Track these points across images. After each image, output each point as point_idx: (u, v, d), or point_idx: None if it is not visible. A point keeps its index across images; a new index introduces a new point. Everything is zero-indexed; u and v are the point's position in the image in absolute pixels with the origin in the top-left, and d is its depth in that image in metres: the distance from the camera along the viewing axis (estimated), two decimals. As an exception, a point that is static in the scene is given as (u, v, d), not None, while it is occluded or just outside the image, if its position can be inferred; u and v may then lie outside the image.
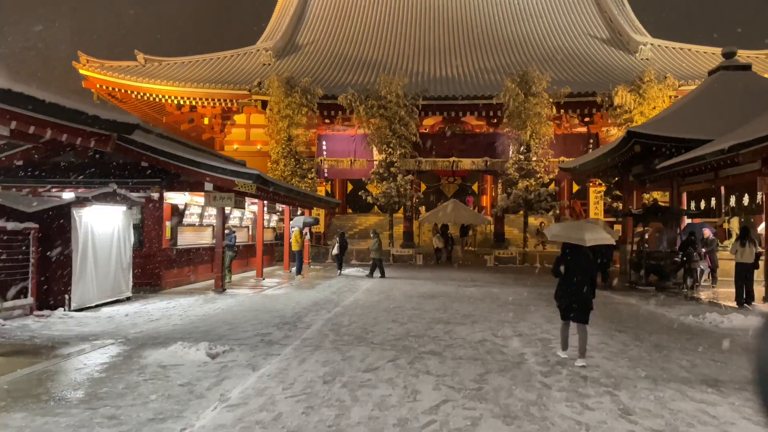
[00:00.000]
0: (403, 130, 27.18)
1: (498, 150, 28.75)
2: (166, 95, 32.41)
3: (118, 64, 33.78)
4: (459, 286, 15.47)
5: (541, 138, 26.88)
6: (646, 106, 26.53)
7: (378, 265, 18.32)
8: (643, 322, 9.81)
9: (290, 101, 27.52)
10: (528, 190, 26.67)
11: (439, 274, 19.62)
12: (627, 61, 34.42)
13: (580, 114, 29.67)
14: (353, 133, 30.12)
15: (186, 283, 14.56)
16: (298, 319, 9.55)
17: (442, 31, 39.81)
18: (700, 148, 14.27)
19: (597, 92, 27.64)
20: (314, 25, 41.58)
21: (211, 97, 32.19)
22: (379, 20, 41.93)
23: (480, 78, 32.30)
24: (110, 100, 34.69)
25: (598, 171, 21.91)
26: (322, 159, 29.77)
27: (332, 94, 28.47)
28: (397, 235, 29.84)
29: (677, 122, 16.78)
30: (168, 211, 13.75)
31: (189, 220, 14.67)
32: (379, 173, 27.67)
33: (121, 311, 10.23)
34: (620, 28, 38.35)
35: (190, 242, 14.87)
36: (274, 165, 28.34)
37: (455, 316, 10.18)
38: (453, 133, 30.50)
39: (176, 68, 34.65)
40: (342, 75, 33.37)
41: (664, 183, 18.10)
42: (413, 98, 27.48)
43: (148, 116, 36.38)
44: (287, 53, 37.29)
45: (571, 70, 33.14)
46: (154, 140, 12.55)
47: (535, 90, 26.38)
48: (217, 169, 12.24)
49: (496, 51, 37.02)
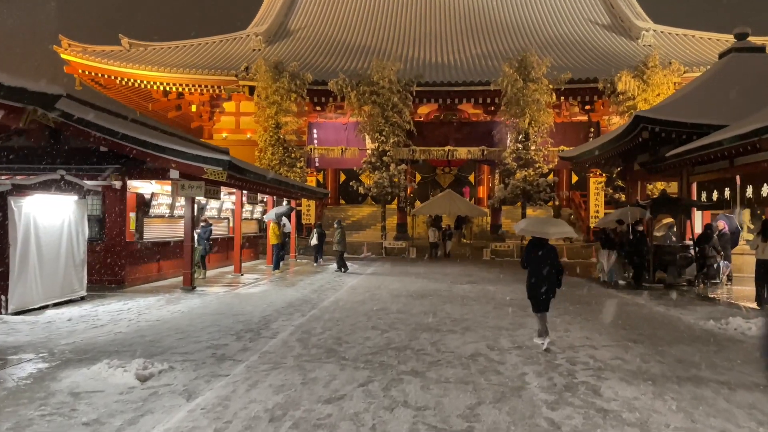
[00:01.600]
0: (396, 118, 25.95)
1: (495, 139, 27.52)
2: (151, 81, 31.07)
3: (101, 48, 32.38)
4: (452, 283, 14.30)
5: (541, 126, 25.67)
6: (650, 92, 25.33)
7: (339, 258, 17.27)
8: (658, 328, 8.65)
9: (278, 87, 26.26)
10: (526, 181, 25.49)
11: (432, 269, 18.47)
12: (629, 48, 33.14)
13: (581, 101, 28.43)
14: (345, 121, 28.87)
15: (154, 280, 13.37)
16: (265, 326, 8.36)
17: (438, 17, 38.45)
18: (715, 134, 13.07)
19: (599, 78, 26.40)
20: (307, 10, 40.17)
21: (199, 83, 30.86)
22: (373, 5, 40.53)
23: (477, 64, 31.00)
24: (94, 86, 33.38)
25: (600, 160, 20.68)
26: (313, 147, 28.52)
27: (323, 80, 27.20)
28: (391, 227, 28.70)
29: (687, 107, 15.56)
30: (132, 201, 12.52)
31: (158, 211, 13.43)
32: (371, 162, 26.46)
33: (66, 314, 9.04)
34: (622, 14, 37.05)
35: (160, 235, 13.64)
36: (261, 154, 27.15)
37: (445, 321, 9.00)
38: (448, 121, 29.26)
39: (162, 53, 33.28)
40: (334, 61, 32.04)
41: (672, 172, 16.91)
42: (407, 84, 26.22)
43: (134, 103, 35.16)
44: (278, 38, 35.93)
45: (572, 56, 31.86)
46: (118, 123, 11.30)
47: (535, 75, 25.14)
48: (183, 155, 11.01)
49: (493, 37, 35.69)
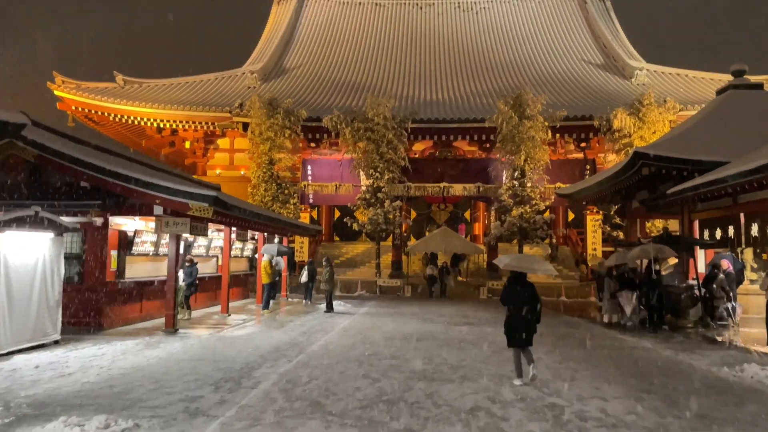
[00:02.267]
0: (391, 154, 25.69)
1: (491, 175, 27.26)
2: (145, 118, 30.88)
3: (95, 85, 32.29)
4: (449, 324, 13.69)
5: (536, 163, 25.42)
6: (646, 130, 25.23)
7: (327, 298, 16.68)
8: (670, 376, 8.07)
9: (272, 123, 26.05)
10: (523, 218, 25.08)
11: (427, 309, 17.85)
12: (623, 86, 33.32)
13: (577, 139, 28.31)
14: (339, 157, 28.60)
15: (135, 321, 12.71)
16: (248, 373, 7.74)
17: (432, 56, 38.76)
18: (718, 170, 12.74)
19: (594, 116, 26.33)
20: (303, 48, 40.49)
21: (193, 120, 30.68)
22: (368, 45, 40.91)
23: (472, 101, 31.01)
24: (87, 122, 33.16)
25: (598, 197, 20.39)
26: (306, 184, 28.16)
27: (317, 116, 27.05)
28: (385, 264, 28.11)
29: (686, 144, 15.30)
30: (114, 239, 11.98)
31: (141, 249, 12.87)
32: (366, 199, 26.07)
33: (34, 361, 8.40)
34: (615, 54, 37.43)
35: (143, 274, 13.05)
36: (254, 190, 26.74)
37: (442, 367, 8.40)
38: (444, 158, 29.05)
39: (157, 90, 33.23)
40: (329, 98, 32.02)
41: (672, 210, 16.56)
42: (402, 121, 26.07)
43: (127, 140, 34.92)
44: (274, 76, 36.04)
45: (566, 94, 31.95)
46: (100, 158, 10.87)
47: (530, 113, 25.03)
48: (167, 190, 10.54)
49: (488, 75, 35.89)
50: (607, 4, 44.62)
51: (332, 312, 16.35)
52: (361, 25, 43.69)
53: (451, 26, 42.85)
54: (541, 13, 44.13)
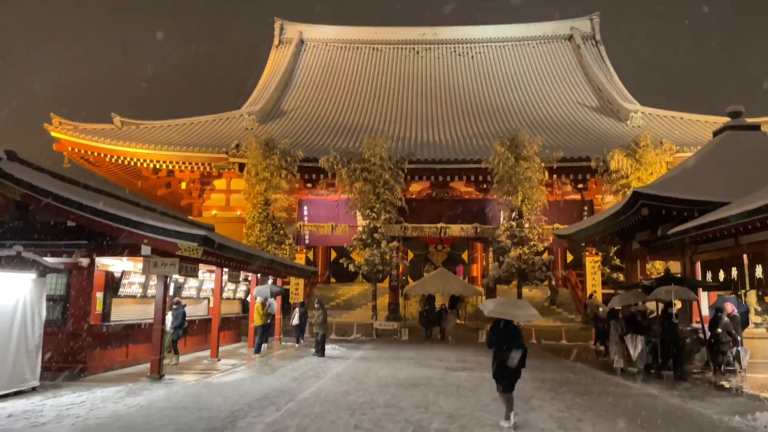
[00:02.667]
0: (387, 194, 25.54)
1: (488, 216, 27.07)
2: (141, 158, 30.83)
3: (93, 126, 32.37)
4: (447, 370, 13.20)
5: (534, 204, 25.27)
6: (643, 171, 25.19)
7: (319, 342, 16.13)
8: (680, 426, 7.63)
9: (268, 163, 25.99)
10: (521, 259, 24.75)
11: (424, 353, 17.32)
12: (618, 129, 33.53)
13: (574, 180, 28.25)
14: (336, 198, 28.47)
15: (121, 367, 12.20)
16: (231, 423, 7.29)
17: (429, 99, 39.16)
18: (720, 210, 12.54)
19: (591, 157, 26.33)
20: (301, 91, 40.94)
21: (189, 161, 30.62)
22: (366, 88, 41.41)
23: (468, 143, 31.10)
24: (83, 164, 33.11)
25: (597, 238, 20.14)
26: (302, 224, 27.90)
27: (314, 157, 27.02)
28: (382, 306, 27.59)
29: (685, 184, 15.15)
30: (101, 280, 11.61)
31: (129, 290, 12.48)
32: (362, 239, 25.77)
33: (8, 409, 7.93)
34: (609, 97, 37.84)
35: (131, 317, 12.61)
36: (249, 230, 26.45)
37: (438, 417, 7.94)
38: (441, 199, 28.94)
39: (154, 131, 33.33)
40: (326, 139, 32.12)
41: (673, 251, 16.29)
42: (398, 161, 26.03)
43: (123, 181, 34.83)
44: (271, 118, 36.26)
45: (562, 136, 32.08)
46: (87, 196, 10.62)
47: (526, 154, 25.02)
48: (154, 229, 10.25)
49: (484, 118, 36.15)
50: (600, 48, 45.40)
51: (325, 356, 15.82)
52: (359, 68, 44.32)
53: (447, 70, 43.47)
54: (535, 57, 44.89)
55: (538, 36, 46.82)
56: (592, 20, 46.51)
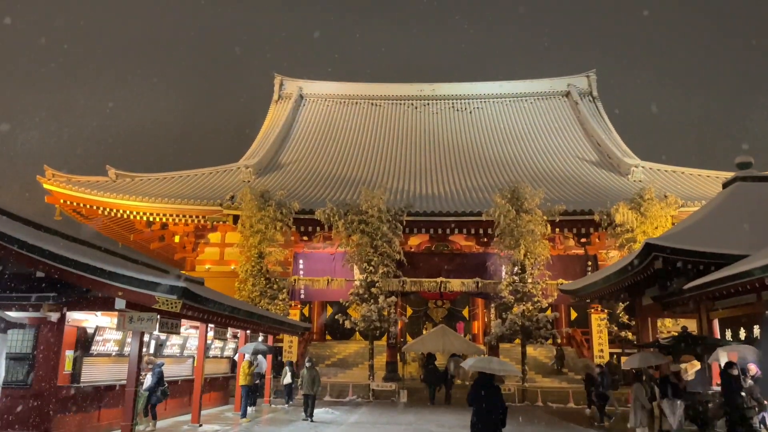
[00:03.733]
0: (385, 247, 24.78)
1: (490, 270, 26.21)
2: (134, 211, 30.15)
3: (87, 179, 31.86)
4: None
5: (537, 258, 24.50)
6: (649, 225, 24.59)
7: (308, 405, 14.98)
8: None
9: (263, 215, 25.36)
10: (525, 316, 23.73)
11: (424, 417, 16.10)
12: (620, 183, 33.12)
13: (577, 234, 27.53)
14: (333, 251, 27.68)
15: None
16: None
17: (427, 152, 38.98)
18: (738, 264, 11.75)
19: (594, 210, 25.74)
20: (299, 145, 40.83)
21: (183, 213, 29.91)
22: (364, 141, 41.33)
23: (468, 196, 30.57)
24: (75, 216, 32.43)
25: (604, 294, 19.17)
26: (297, 278, 26.96)
27: (310, 209, 26.43)
28: (380, 365, 26.31)
29: (697, 236, 14.41)
30: (71, 337, 10.65)
31: (103, 348, 11.46)
32: (359, 294, 24.82)
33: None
34: (609, 151, 37.65)
35: (104, 377, 11.54)
36: (241, 285, 25.54)
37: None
38: (440, 252, 28.15)
39: (150, 184, 32.84)
40: (323, 192, 31.61)
41: (688, 308, 15.39)
42: (397, 214, 25.42)
43: (116, 234, 34.06)
44: (268, 171, 35.91)
45: (563, 189, 31.62)
46: (57, 244, 9.82)
47: (528, 206, 24.46)
48: (129, 281, 9.40)
49: (483, 171, 35.81)
50: (597, 104, 45.71)
51: (316, 421, 14.61)
52: (357, 123, 44.43)
53: (445, 124, 43.55)
54: (533, 112, 45.11)
55: (535, 92, 47.27)
56: (588, 77, 47.09)
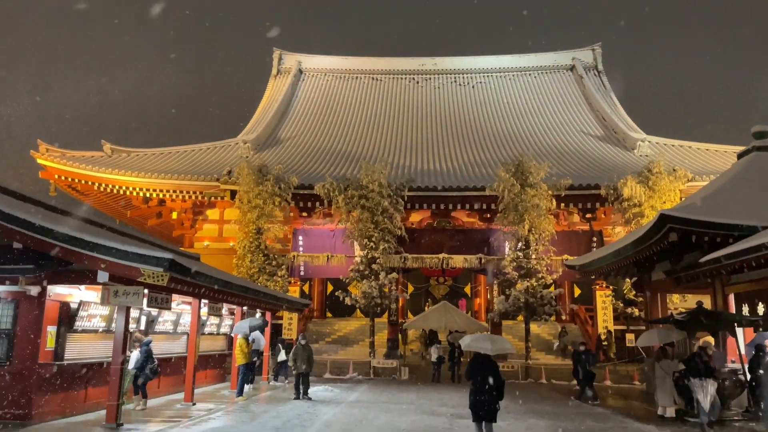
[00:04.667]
0: (386, 223, 24.15)
1: (493, 247, 25.62)
2: (131, 187, 29.49)
3: (81, 154, 31.12)
4: (452, 417, 11.52)
5: (541, 233, 23.87)
6: (657, 199, 23.91)
7: (297, 383, 14.29)
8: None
9: (261, 190, 24.70)
10: (529, 292, 23.19)
11: (427, 395, 15.62)
12: (626, 158, 32.34)
13: (582, 209, 26.86)
14: (333, 227, 27.08)
15: (77, 413, 10.54)
16: (182, 496, 5.71)
17: (429, 128, 38.12)
18: (758, 236, 11.12)
19: (600, 185, 25.04)
20: (298, 120, 39.97)
21: (181, 190, 29.24)
22: (365, 117, 40.46)
23: (471, 171, 29.84)
24: (70, 192, 31.78)
25: (613, 269, 18.57)
26: (296, 255, 26.38)
27: (309, 184, 25.77)
28: (380, 343, 25.90)
29: (714, 208, 13.73)
30: (53, 312, 10.08)
31: (88, 324, 10.89)
32: (360, 270, 24.26)
33: None
34: (614, 126, 36.80)
35: (90, 354, 10.99)
36: (239, 261, 25.00)
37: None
38: (442, 228, 27.53)
39: (146, 159, 32.13)
40: (323, 167, 30.88)
41: (700, 282, 14.79)
42: (398, 188, 24.74)
43: (113, 210, 33.49)
44: (267, 146, 35.16)
45: (568, 164, 30.87)
46: (33, 212, 9.18)
47: (532, 181, 23.75)
48: (112, 252, 8.79)
49: (486, 146, 35.01)
50: (602, 78, 44.76)
51: (312, 399, 14.11)
52: (357, 98, 43.56)
53: (448, 99, 42.64)
54: (537, 87, 44.16)
55: (539, 66, 46.27)
56: (594, 50, 46.05)
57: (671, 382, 11.73)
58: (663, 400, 11.85)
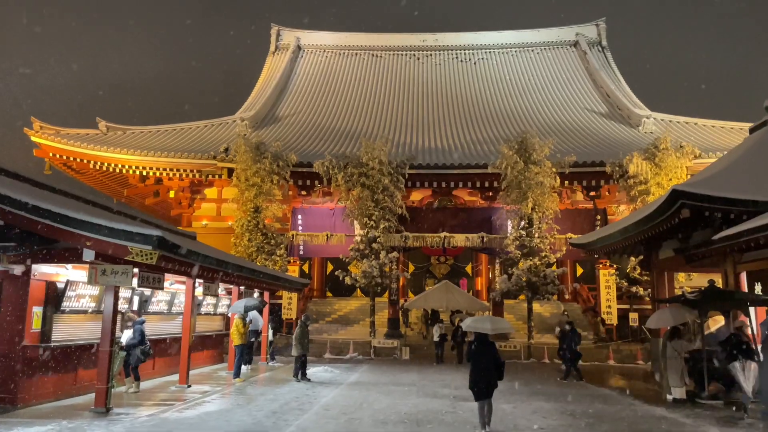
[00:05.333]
0: (387, 201, 23.64)
1: (495, 225, 25.16)
2: (127, 165, 28.88)
3: (76, 131, 30.43)
4: (455, 400, 11.16)
5: (545, 211, 23.38)
6: (663, 176, 23.31)
7: (296, 364, 14.03)
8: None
9: (258, 168, 24.14)
10: (532, 271, 22.79)
11: (428, 376, 15.29)
12: (630, 135, 31.68)
13: (586, 187, 26.30)
14: (332, 206, 26.60)
15: (64, 396, 10.17)
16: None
17: (431, 105, 37.38)
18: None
19: (605, 162, 24.48)
20: (297, 97, 39.19)
21: (178, 168, 28.60)
22: (365, 94, 39.70)
23: (472, 148, 29.20)
24: (66, 171, 31.20)
25: (618, 247, 18.12)
26: (295, 234, 25.94)
27: (308, 161, 25.22)
28: (381, 323, 25.58)
29: (726, 183, 13.20)
30: (39, 292, 9.64)
31: (77, 304, 10.47)
32: (360, 249, 23.82)
33: None
34: (619, 103, 36.06)
35: (79, 336, 10.59)
36: (237, 240, 24.55)
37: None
38: (444, 207, 27.02)
39: (142, 137, 31.46)
40: (322, 145, 30.25)
41: (710, 261, 14.35)
42: (399, 166, 24.17)
43: (109, 189, 32.92)
44: (265, 124, 34.46)
45: (572, 141, 30.23)
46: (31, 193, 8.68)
47: (536, 157, 23.16)
48: (97, 229, 8.31)
49: (488, 123, 34.33)
50: (607, 54, 43.82)
51: (311, 381, 13.76)
52: (357, 74, 42.72)
53: (449, 76, 41.81)
54: (540, 63, 43.27)
55: (542, 42, 45.30)
56: (598, 26, 45.01)
57: (682, 363, 11.32)
58: (673, 380, 11.46)
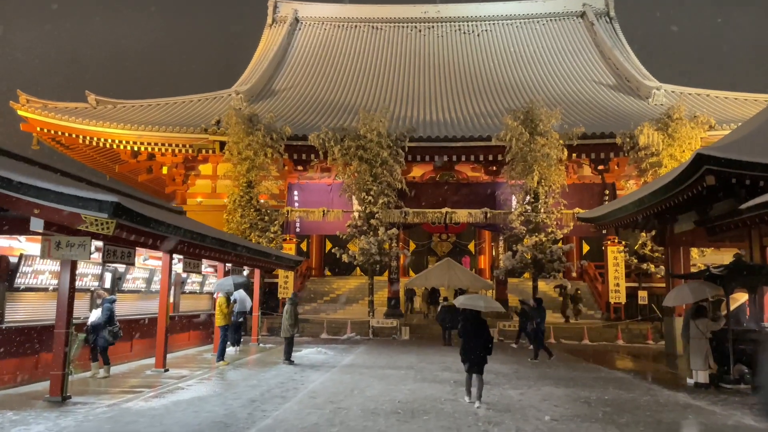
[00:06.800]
0: (386, 176, 22.54)
1: (499, 200, 24.08)
2: (117, 140, 27.74)
3: (65, 105, 29.24)
4: (456, 385, 10.17)
5: (551, 186, 22.25)
6: (677, 147, 22.15)
7: (287, 346, 13.27)
8: None
9: (251, 141, 23.01)
10: (537, 248, 21.74)
11: (428, 358, 14.32)
12: (640, 107, 30.38)
13: (595, 160, 25.11)
14: (330, 182, 25.52)
15: (21, 383, 9.18)
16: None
17: (432, 78, 36.04)
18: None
19: (615, 133, 23.28)
20: (294, 70, 37.86)
21: (170, 143, 27.49)
22: (364, 67, 38.32)
23: (476, 122, 27.99)
24: (54, 145, 30.07)
25: (630, 222, 17.05)
26: (290, 210, 24.89)
27: (303, 134, 24.09)
28: (380, 302, 24.67)
29: (753, 149, 12.07)
30: (-10, 267, 8.65)
31: (34, 281, 9.45)
32: (357, 226, 22.80)
33: None
34: (627, 74, 34.67)
35: (39, 316, 9.59)
36: (229, 216, 23.55)
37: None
38: (445, 182, 25.90)
39: (133, 111, 30.27)
40: (320, 119, 29.03)
41: (732, 234, 13.29)
42: (398, 139, 23.00)
43: (100, 165, 31.90)
44: (262, 98, 33.22)
45: (579, 114, 28.97)
46: None
47: (543, 129, 21.98)
48: (45, 194, 7.22)
49: (492, 96, 33.03)
50: (614, 25, 42.25)
51: (298, 364, 12.79)
52: (357, 47, 41.32)
53: (451, 48, 40.40)
54: (546, 35, 41.77)
55: (548, 13, 43.76)
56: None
57: (707, 344, 10.28)
58: (695, 363, 10.42)
